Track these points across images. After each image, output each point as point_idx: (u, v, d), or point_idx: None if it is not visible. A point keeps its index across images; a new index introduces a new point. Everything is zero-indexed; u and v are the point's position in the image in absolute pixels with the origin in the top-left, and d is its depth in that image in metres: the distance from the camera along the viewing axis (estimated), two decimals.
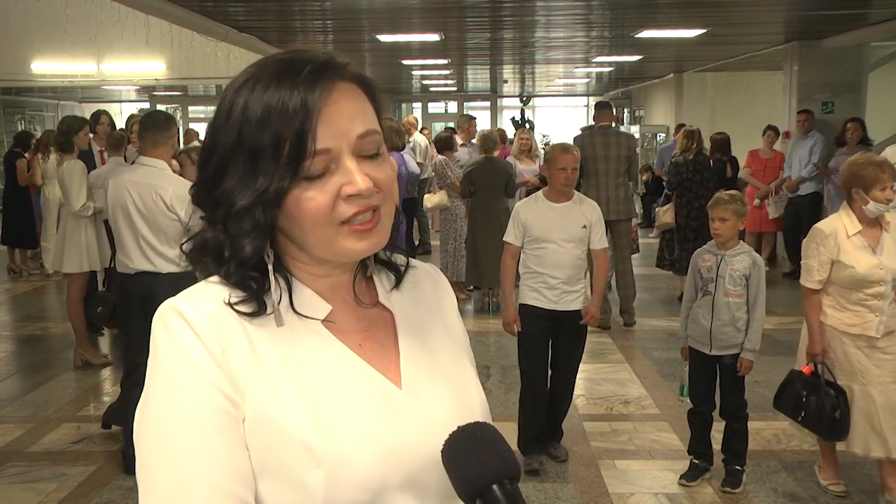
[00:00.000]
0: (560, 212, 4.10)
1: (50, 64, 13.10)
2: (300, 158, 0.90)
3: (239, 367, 0.91)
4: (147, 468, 0.89)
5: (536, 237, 4.09)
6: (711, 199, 3.98)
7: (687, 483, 3.99)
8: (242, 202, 0.92)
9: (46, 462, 4.34)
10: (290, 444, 0.89)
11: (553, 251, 4.07)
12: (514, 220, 4.19)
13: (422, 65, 14.14)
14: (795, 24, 9.30)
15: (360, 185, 0.92)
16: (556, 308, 4.11)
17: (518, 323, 4.14)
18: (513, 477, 0.85)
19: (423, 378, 1.01)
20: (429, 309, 1.10)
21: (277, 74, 0.92)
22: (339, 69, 0.94)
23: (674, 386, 5.26)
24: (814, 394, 3.65)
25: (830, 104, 9.76)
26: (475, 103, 22.85)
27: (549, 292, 4.10)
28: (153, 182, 3.95)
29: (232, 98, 0.94)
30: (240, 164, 0.92)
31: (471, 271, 7.68)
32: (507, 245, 4.25)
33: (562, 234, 4.06)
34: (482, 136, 7.91)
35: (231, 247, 0.95)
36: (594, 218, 4.15)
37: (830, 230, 3.65)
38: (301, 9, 8.14)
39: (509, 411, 5.04)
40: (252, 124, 0.91)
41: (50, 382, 5.74)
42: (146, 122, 4.14)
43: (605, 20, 9.22)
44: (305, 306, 0.97)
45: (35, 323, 7.61)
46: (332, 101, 0.92)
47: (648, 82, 17.61)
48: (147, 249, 3.94)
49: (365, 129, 0.94)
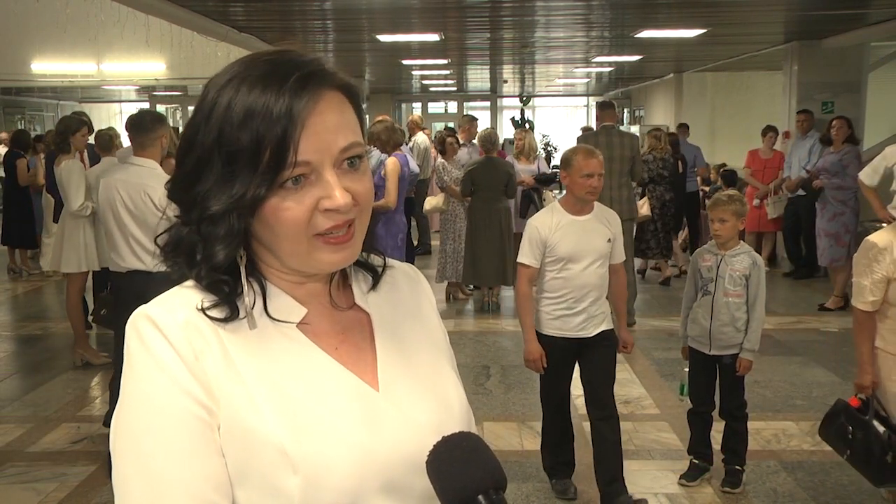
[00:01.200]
0: (584, 226, 3.60)
1: (50, 64, 13.10)
2: (279, 168, 0.88)
3: (213, 374, 0.90)
4: (122, 476, 0.88)
5: (560, 257, 3.58)
6: (711, 200, 3.98)
7: (687, 483, 3.99)
8: (217, 207, 0.90)
9: (46, 462, 4.33)
10: (267, 450, 0.88)
11: (579, 272, 3.57)
12: (531, 238, 3.63)
13: (422, 65, 14.14)
14: (795, 24, 9.31)
15: (339, 201, 0.90)
16: (584, 335, 3.63)
17: (543, 358, 3.66)
18: (498, 487, 0.84)
19: (400, 380, 1.00)
20: (406, 310, 1.09)
21: (264, 77, 0.90)
22: (327, 77, 0.93)
23: (674, 386, 5.26)
24: (861, 431, 3.16)
25: (830, 104, 9.77)
26: (475, 103, 22.84)
27: (573, 319, 3.61)
28: (142, 181, 3.97)
29: (215, 96, 0.92)
30: (217, 165, 0.90)
31: (469, 270, 7.69)
32: (522, 268, 3.67)
33: (589, 252, 3.58)
34: (482, 136, 7.92)
35: (204, 250, 0.94)
36: (617, 230, 3.70)
37: (885, 243, 3.14)
38: (301, 9, 8.14)
39: (509, 411, 5.05)
40: (233, 125, 0.89)
41: (50, 382, 5.74)
42: (132, 124, 4.17)
43: (605, 20, 9.22)
44: (279, 310, 0.97)
45: (35, 323, 7.61)
46: (317, 112, 0.90)
47: (648, 82, 17.61)
48: (137, 248, 3.97)
49: (348, 143, 0.92)
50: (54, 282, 9.06)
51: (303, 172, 0.90)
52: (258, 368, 0.92)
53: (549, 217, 3.65)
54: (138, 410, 0.89)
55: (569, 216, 3.61)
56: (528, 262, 3.64)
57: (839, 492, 3.94)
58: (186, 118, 14.29)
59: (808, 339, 6.73)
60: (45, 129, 17.10)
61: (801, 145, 8.90)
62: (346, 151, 0.92)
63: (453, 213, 8.05)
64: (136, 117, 4.24)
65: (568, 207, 3.63)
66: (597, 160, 3.56)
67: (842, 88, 9.84)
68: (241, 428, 0.89)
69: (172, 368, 0.89)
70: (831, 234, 7.63)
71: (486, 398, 5.26)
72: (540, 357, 3.62)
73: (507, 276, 7.79)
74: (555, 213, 3.66)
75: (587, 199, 3.59)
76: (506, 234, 7.66)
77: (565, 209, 3.64)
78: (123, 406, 0.91)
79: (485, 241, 7.53)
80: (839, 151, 7.71)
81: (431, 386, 1.02)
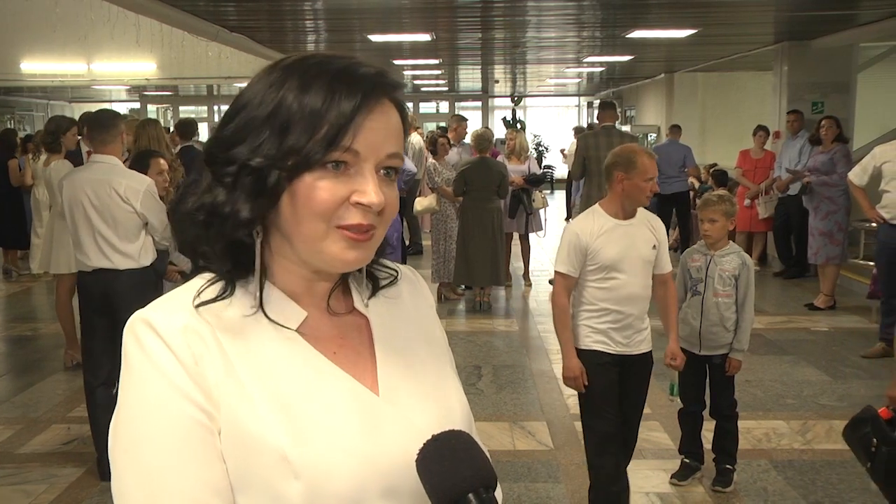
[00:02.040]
0: (629, 231, 3.30)
1: (40, 63, 13.03)
2: (331, 146, 0.89)
3: (213, 379, 0.90)
4: (121, 481, 0.88)
5: (604, 265, 3.27)
6: (701, 200, 3.99)
7: (678, 482, 4.01)
8: (259, 160, 0.91)
9: (36, 464, 4.32)
10: (268, 455, 0.88)
11: (625, 282, 3.28)
12: (571, 244, 3.30)
13: (413, 65, 14.13)
14: (785, 25, 9.34)
15: (373, 198, 0.91)
16: (627, 352, 3.35)
17: (584, 374, 3.35)
18: (488, 485, 0.84)
19: (400, 384, 0.99)
20: (406, 313, 1.09)
21: (333, 74, 0.92)
22: (391, 87, 0.96)
23: (664, 385, 5.27)
24: (886, 445, 2.91)
25: (820, 104, 9.81)
26: (466, 103, 22.86)
27: (618, 334, 3.32)
28: (106, 178, 4.00)
29: (279, 76, 0.93)
30: (266, 131, 0.91)
31: (460, 270, 7.68)
32: (561, 277, 3.35)
33: (634, 259, 3.29)
34: (476, 135, 7.93)
35: (231, 205, 0.92)
36: (662, 236, 3.40)
37: None
38: (292, 9, 8.12)
39: (500, 411, 5.06)
40: (293, 107, 0.90)
41: (40, 384, 5.72)
42: (92, 123, 4.21)
43: (597, 20, 9.23)
44: (279, 314, 0.96)
45: (25, 324, 7.57)
46: (380, 112, 0.93)
47: (639, 82, 17.64)
48: (104, 246, 3.98)
49: (394, 150, 0.94)
50: (44, 283, 9.02)
51: (348, 161, 0.91)
52: (258, 373, 0.92)
53: (591, 221, 3.31)
54: (138, 416, 0.89)
55: (612, 220, 3.30)
56: (566, 270, 3.32)
57: (829, 490, 3.96)
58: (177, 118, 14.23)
59: (799, 338, 6.75)
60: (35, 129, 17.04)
61: (792, 145, 8.93)
62: (390, 158, 0.94)
63: (445, 214, 8.05)
64: (94, 116, 4.28)
65: (611, 211, 3.31)
66: (654, 162, 3.31)
67: (831, 89, 9.89)
68: (242, 433, 0.89)
69: (172, 373, 0.88)
70: (825, 233, 7.66)
71: (478, 398, 5.26)
72: (581, 374, 3.31)
73: (499, 277, 7.81)
74: (596, 216, 3.32)
75: (645, 203, 3.34)
76: (497, 235, 7.67)
77: (608, 213, 3.31)
78: (122, 411, 0.90)
79: (477, 242, 7.53)
80: (829, 151, 7.74)
81: (432, 390, 1.02)
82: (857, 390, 5.42)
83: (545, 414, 5.00)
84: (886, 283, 6.15)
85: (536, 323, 7.36)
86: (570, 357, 3.33)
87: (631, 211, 3.32)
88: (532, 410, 5.08)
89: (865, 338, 6.57)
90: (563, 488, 4.01)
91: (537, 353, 6.42)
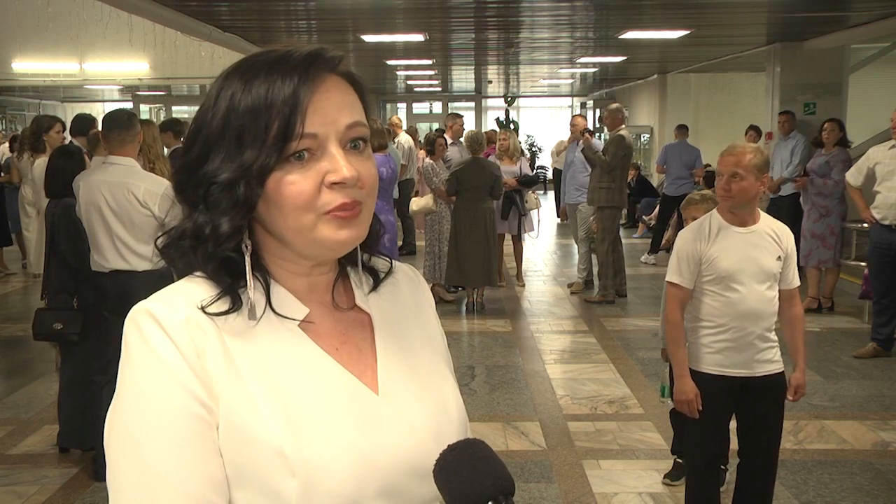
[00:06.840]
0: (748, 239, 3.03)
1: (32, 63, 13.00)
2: (287, 139, 0.89)
3: (213, 372, 0.89)
4: (117, 473, 0.87)
5: (721, 275, 3.01)
6: (685, 200, 4.00)
7: (671, 482, 4.01)
8: (225, 175, 0.91)
9: (28, 465, 4.30)
10: (265, 451, 0.88)
11: (746, 295, 2.99)
12: (683, 252, 3.08)
13: (406, 65, 14.13)
14: (778, 26, 9.38)
15: (345, 174, 0.90)
16: (750, 374, 3.05)
17: (699, 398, 3.06)
18: (508, 493, 0.84)
19: (400, 383, 0.99)
20: (407, 311, 1.09)
21: (269, 65, 0.92)
22: (330, 62, 0.94)
23: (658, 386, 5.29)
24: None
25: (812, 105, 9.85)
26: (460, 104, 22.87)
27: (739, 355, 3.03)
28: (124, 180, 3.96)
29: (221, 85, 0.94)
30: (224, 145, 0.92)
31: (453, 271, 7.67)
32: (673, 289, 3.11)
33: (755, 271, 3.00)
34: (469, 136, 7.93)
35: (210, 223, 0.93)
36: (789, 246, 3.07)
37: None
38: (285, 9, 8.12)
39: (494, 411, 5.06)
40: (240, 110, 0.91)
41: (31, 384, 5.70)
42: (110, 123, 4.15)
43: (590, 21, 9.25)
44: (283, 307, 0.96)
45: (16, 324, 7.53)
46: (323, 90, 0.92)
47: (632, 83, 17.67)
48: (122, 248, 3.96)
49: (353, 120, 0.94)
50: (37, 283, 8.97)
51: (308, 147, 0.91)
52: (259, 368, 0.92)
53: (705, 227, 3.08)
54: (136, 407, 0.88)
55: (728, 226, 3.05)
56: (679, 281, 3.08)
57: (821, 490, 3.97)
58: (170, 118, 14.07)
59: None
60: None
61: (783, 146, 8.96)
62: (350, 130, 0.93)
63: (439, 215, 8.05)
64: (113, 116, 4.22)
65: (726, 216, 3.06)
66: (730, 156, 3.02)
67: (823, 90, 9.93)
68: (240, 428, 0.88)
69: (173, 365, 0.88)
70: (817, 236, 7.68)
71: (471, 398, 5.26)
72: (695, 397, 3.04)
73: (492, 277, 7.81)
74: (712, 222, 3.08)
75: (723, 204, 3.06)
76: (490, 235, 7.67)
77: (724, 218, 3.07)
78: (121, 401, 0.90)
79: (470, 242, 7.53)
80: (828, 154, 7.75)
81: (430, 390, 1.02)
82: (848, 390, 5.44)
83: (538, 414, 5.00)
84: (878, 283, 6.17)
85: (529, 323, 7.36)
86: (684, 378, 3.07)
87: (748, 217, 3.05)
88: (525, 411, 5.08)
89: (857, 338, 6.59)
90: (556, 488, 4.01)
91: (530, 353, 6.43)
